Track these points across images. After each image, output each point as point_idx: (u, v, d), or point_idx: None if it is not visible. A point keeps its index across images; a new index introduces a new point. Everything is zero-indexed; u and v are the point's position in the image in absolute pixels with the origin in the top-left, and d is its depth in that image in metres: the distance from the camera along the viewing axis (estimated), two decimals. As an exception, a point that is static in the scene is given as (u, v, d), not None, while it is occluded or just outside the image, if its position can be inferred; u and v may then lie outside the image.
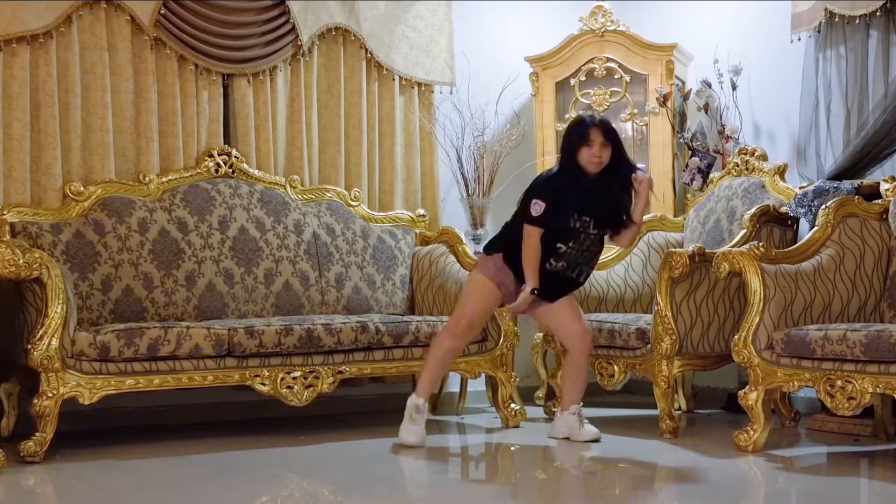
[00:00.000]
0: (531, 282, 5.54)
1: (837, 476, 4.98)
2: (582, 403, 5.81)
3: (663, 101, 7.10)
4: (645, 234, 6.93)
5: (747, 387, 5.38)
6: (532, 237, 5.52)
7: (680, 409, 6.78)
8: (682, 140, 7.17)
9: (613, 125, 5.64)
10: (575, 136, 5.56)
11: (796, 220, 6.30)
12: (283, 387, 5.77)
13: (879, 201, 5.79)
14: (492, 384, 6.40)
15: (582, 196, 5.52)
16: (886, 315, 5.58)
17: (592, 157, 5.50)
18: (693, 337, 5.91)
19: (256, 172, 6.71)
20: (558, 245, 5.55)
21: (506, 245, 5.67)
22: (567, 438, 5.77)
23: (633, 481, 5.05)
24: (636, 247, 6.90)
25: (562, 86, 7.46)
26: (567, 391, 5.84)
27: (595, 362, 6.29)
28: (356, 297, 6.75)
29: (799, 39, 6.66)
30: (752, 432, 5.35)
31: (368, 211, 7.01)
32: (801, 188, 6.26)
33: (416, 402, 5.65)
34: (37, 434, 5.25)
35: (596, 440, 5.71)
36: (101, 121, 6.29)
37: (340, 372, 5.92)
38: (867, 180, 6.07)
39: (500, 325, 6.26)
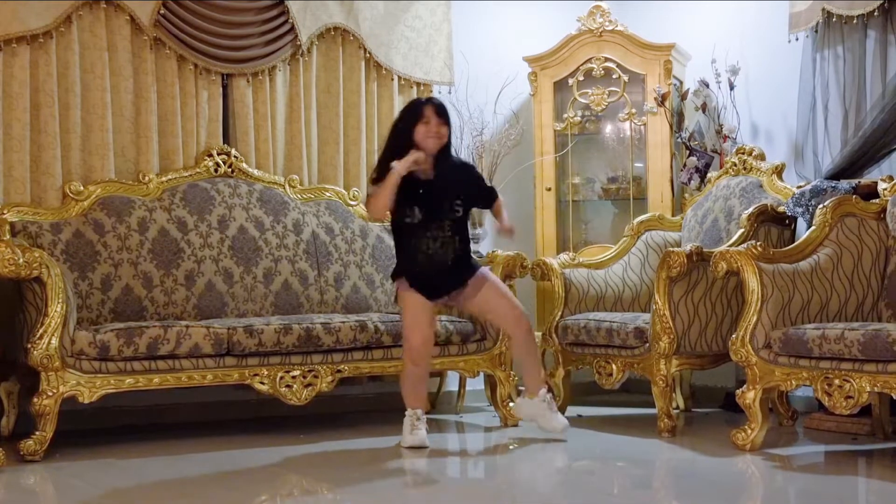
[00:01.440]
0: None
1: (835, 475, 4.98)
2: (547, 387, 5.82)
3: (661, 100, 7.11)
4: (643, 234, 6.94)
5: (745, 386, 5.39)
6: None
7: (678, 407, 6.79)
8: (679, 140, 7.18)
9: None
10: (410, 115, 5.66)
11: (794, 219, 6.31)
12: (282, 386, 5.79)
13: (877, 201, 5.79)
14: (490, 383, 6.41)
15: (422, 184, 5.59)
16: (884, 314, 5.59)
17: (430, 132, 5.58)
18: (691, 336, 5.93)
19: (255, 172, 6.73)
20: (412, 234, 5.60)
21: (400, 262, 5.73)
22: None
23: (631, 480, 5.07)
24: (634, 246, 6.92)
25: (560, 86, 7.47)
26: (526, 377, 5.85)
27: (593, 361, 6.31)
28: (355, 297, 6.77)
29: (797, 39, 6.67)
30: (749, 431, 5.36)
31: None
32: (798, 188, 6.27)
33: (415, 412, 5.66)
34: (37, 433, 5.28)
35: (562, 436, 5.73)
36: (101, 120, 6.31)
37: (339, 371, 5.94)
38: (865, 180, 6.08)
39: (499, 325, 6.28)
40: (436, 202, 5.59)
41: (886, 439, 5.67)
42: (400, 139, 5.63)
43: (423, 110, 5.63)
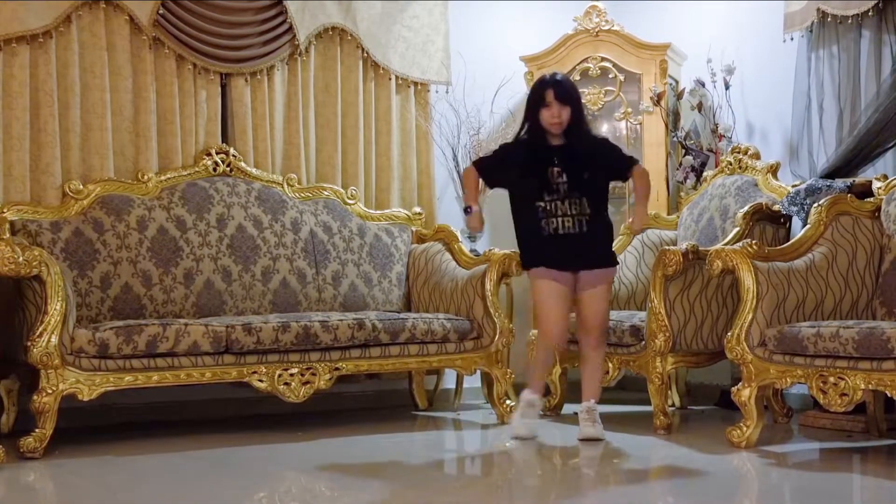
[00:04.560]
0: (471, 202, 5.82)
1: (830, 472, 5.00)
2: (593, 401, 5.78)
3: (657, 100, 7.14)
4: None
5: (740, 383, 5.42)
6: (467, 171, 5.96)
7: (673, 405, 6.83)
8: (675, 139, 7.22)
9: (566, 78, 5.80)
10: (533, 99, 5.70)
11: (789, 218, 6.34)
12: (280, 383, 5.81)
13: (872, 199, 5.81)
14: (487, 381, 6.44)
15: (547, 156, 5.64)
16: (878, 312, 5.61)
17: (552, 118, 5.62)
18: (686, 334, 5.95)
19: (254, 171, 6.75)
20: (537, 204, 5.63)
21: (522, 248, 5.80)
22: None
23: (627, 477, 5.09)
24: (630, 244, 6.95)
25: (557, 85, 7.49)
26: (582, 384, 5.88)
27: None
28: (353, 295, 6.80)
29: (791, 39, 6.70)
30: (745, 428, 5.39)
31: (365, 209, 7.05)
32: (793, 186, 6.30)
33: (531, 397, 5.78)
34: (36, 430, 5.28)
35: (596, 439, 5.70)
36: (101, 120, 6.33)
37: (337, 369, 5.96)
38: (859, 178, 6.11)
39: (496, 322, 6.30)
40: (567, 172, 5.63)
41: (881, 437, 5.69)
42: (531, 124, 5.70)
43: (543, 94, 5.64)
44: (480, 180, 5.87)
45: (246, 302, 6.46)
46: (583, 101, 5.86)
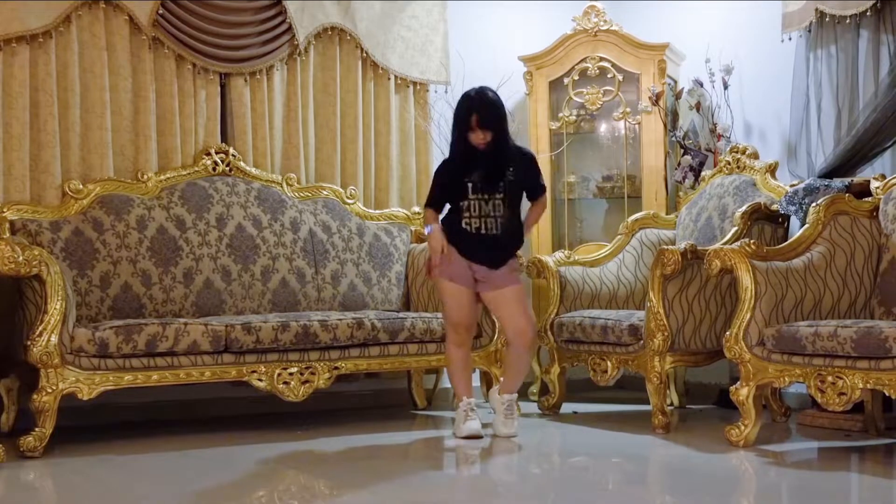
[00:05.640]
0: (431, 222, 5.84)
1: (828, 471, 5.01)
2: (516, 396, 5.89)
3: (655, 99, 7.15)
4: (638, 232, 6.99)
5: (738, 382, 5.43)
6: (426, 214, 5.90)
7: (672, 404, 6.84)
8: (674, 138, 7.23)
9: (491, 100, 5.72)
10: (458, 123, 5.74)
11: (787, 217, 6.35)
12: (279, 382, 5.82)
13: (870, 199, 5.82)
14: (486, 380, 6.45)
15: (475, 166, 5.69)
16: (876, 312, 5.62)
17: (477, 140, 5.66)
18: (685, 333, 5.96)
19: (253, 170, 6.76)
20: (461, 203, 5.70)
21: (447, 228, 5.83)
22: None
23: (626, 476, 5.10)
24: (629, 244, 6.96)
25: (555, 85, 7.51)
26: (505, 378, 5.95)
27: (588, 358, 6.35)
28: (352, 294, 6.81)
29: (790, 39, 6.71)
30: (743, 427, 5.40)
31: (364, 209, 7.06)
32: (791, 186, 6.31)
33: (469, 402, 5.80)
34: (36, 429, 5.30)
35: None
36: (100, 119, 6.34)
37: (336, 368, 5.97)
38: (857, 178, 6.12)
39: (494, 322, 6.31)
40: (486, 176, 5.68)
41: (879, 436, 5.70)
42: (459, 145, 5.74)
43: (468, 119, 5.67)
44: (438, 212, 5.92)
45: (245, 301, 6.47)
46: (508, 119, 5.86)
